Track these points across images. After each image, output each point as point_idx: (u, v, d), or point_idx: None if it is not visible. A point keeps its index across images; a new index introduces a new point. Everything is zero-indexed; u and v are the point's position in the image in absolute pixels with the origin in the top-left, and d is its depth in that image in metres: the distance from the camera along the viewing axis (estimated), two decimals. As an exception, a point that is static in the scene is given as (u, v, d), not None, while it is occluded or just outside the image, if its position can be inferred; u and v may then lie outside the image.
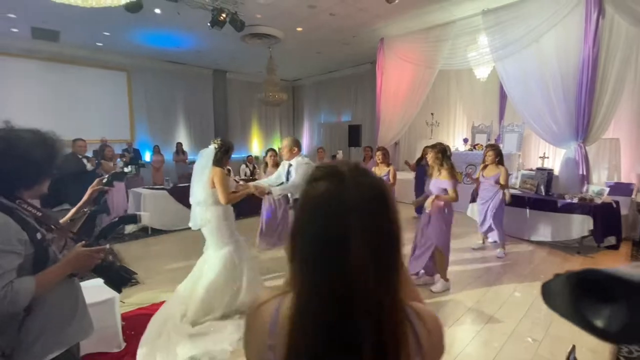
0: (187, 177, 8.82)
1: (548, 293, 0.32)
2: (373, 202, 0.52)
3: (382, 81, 7.99)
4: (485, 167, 4.59)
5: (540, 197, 5.09)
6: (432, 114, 8.86)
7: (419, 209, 6.28)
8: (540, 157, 6.62)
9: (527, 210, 5.09)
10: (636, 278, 0.24)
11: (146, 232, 5.61)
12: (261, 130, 13.43)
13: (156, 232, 5.64)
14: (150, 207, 5.68)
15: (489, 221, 4.51)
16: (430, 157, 3.50)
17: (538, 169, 5.98)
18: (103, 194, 1.63)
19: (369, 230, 0.49)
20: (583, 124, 5.15)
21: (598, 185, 5.05)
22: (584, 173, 5.24)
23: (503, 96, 7.82)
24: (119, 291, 1.31)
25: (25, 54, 8.39)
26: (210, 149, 2.83)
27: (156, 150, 9.09)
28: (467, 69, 7.51)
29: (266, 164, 5.29)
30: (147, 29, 7.63)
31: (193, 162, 10.60)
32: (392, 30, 7.58)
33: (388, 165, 4.78)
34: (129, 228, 5.75)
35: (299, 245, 0.54)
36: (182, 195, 6.03)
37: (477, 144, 7.69)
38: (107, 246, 1.31)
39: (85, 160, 4.80)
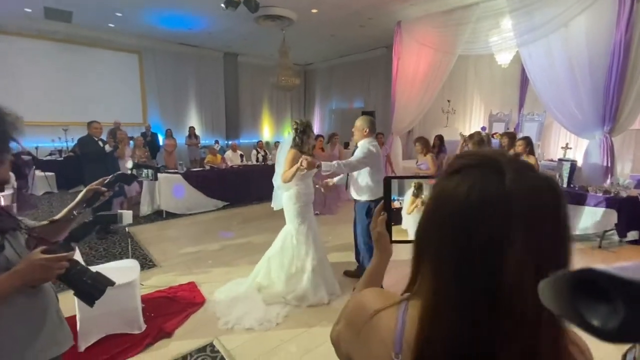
0: (199, 161, 8.86)
1: (546, 291, 0.32)
2: (545, 207, 0.42)
3: (398, 66, 7.75)
4: None
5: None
6: (448, 101, 8.63)
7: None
8: (562, 148, 6.42)
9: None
10: (633, 277, 0.24)
11: (160, 215, 5.65)
12: (272, 115, 13.30)
13: (170, 215, 5.68)
14: (164, 191, 5.71)
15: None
16: (470, 147, 3.55)
17: (560, 159, 5.81)
18: (99, 196, 1.32)
19: (536, 241, 0.40)
20: (610, 113, 4.93)
21: (623, 178, 4.88)
22: (609, 165, 5.06)
23: (524, 84, 7.55)
24: (91, 305, 1.06)
25: (38, 35, 8.36)
26: (288, 136, 3.01)
27: (168, 134, 9.08)
28: (487, 55, 7.24)
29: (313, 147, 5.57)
30: (159, 9, 7.49)
31: (205, 147, 10.53)
32: (411, 13, 7.30)
33: (426, 154, 4.79)
34: (144, 210, 5.81)
35: (432, 248, 0.46)
36: (195, 179, 6.05)
37: (494, 133, 7.48)
38: (74, 251, 1.07)
39: (101, 143, 4.80)
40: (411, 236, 0.68)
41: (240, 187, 6.56)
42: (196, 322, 2.65)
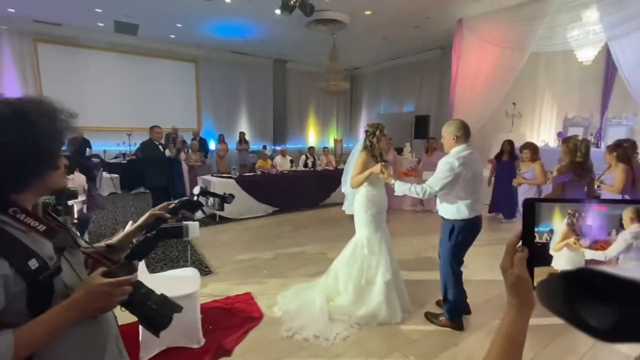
0: (250, 166, 8.98)
1: (543, 292, 0.32)
2: None
3: (458, 66, 7.23)
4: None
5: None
6: (513, 103, 7.87)
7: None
8: None
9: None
10: (630, 278, 0.24)
11: (214, 219, 5.70)
12: (318, 120, 13.26)
13: (223, 219, 5.71)
14: (217, 195, 5.76)
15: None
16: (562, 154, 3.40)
17: None
18: (161, 222, 1.17)
19: None
20: None
21: None
22: None
23: (609, 83, 6.65)
24: (157, 335, 0.91)
25: (107, 47, 9.06)
26: (361, 140, 2.89)
27: (221, 139, 9.33)
28: (561, 52, 6.48)
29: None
30: (216, 18, 7.73)
31: (254, 152, 10.75)
32: (474, 10, 6.77)
33: (534, 161, 4.61)
34: (198, 214, 5.92)
35: None
36: (247, 184, 6.04)
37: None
38: (136, 272, 0.90)
39: (161, 147, 4.95)
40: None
41: (290, 193, 6.47)
42: (256, 340, 2.47)
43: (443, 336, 2.53)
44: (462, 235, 2.46)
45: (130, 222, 1.91)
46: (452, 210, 2.47)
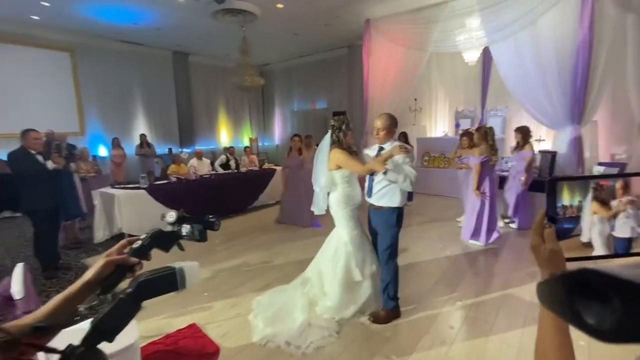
0: (154, 173, 7.84)
1: (544, 292, 0.33)
2: None
3: (369, 64, 7.62)
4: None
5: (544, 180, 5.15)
6: (415, 99, 8.73)
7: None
8: (536, 140, 6.74)
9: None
10: (631, 277, 0.24)
11: (122, 239, 4.77)
12: (229, 119, 12.46)
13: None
14: (125, 209, 4.84)
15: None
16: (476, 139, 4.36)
17: (542, 151, 5.99)
18: (124, 273, 0.82)
19: None
20: (579, 106, 5.26)
21: (598, 167, 5.22)
22: (579, 155, 5.40)
23: (486, 80, 7.89)
24: None
25: None
26: (327, 136, 2.79)
27: (115, 144, 7.92)
28: (448, 53, 7.42)
29: (290, 149, 5.63)
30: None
31: (160, 156, 9.49)
32: (380, 11, 7.20)
33: (471, 147, 4.77)
34: (99, 236, 4.88)
35: None
36: (162, 194, 5.25)
37: (468, 129, 7.70)
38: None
39: (41, 158, 3.84)
40: (600, 249, 0.63)
41: (214, 200, 5.87)
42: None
43: (410, 326, 2.58)
44: (401, 220, 2.61)
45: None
46: (399, 198, 2.53)
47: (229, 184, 6.15)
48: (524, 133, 5.03)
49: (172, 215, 1.00)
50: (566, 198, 0.60)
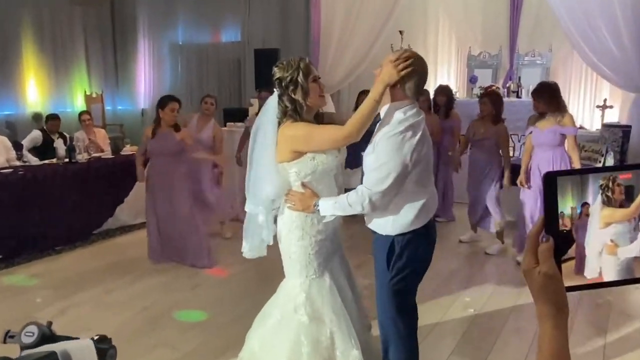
0: None
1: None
2: None
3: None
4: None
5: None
6: (400, 32, 5.47)
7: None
8: (599, 107, 4.54)
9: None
10: None
11: None
12: (45, 59, 7.21)
13: None
14: None
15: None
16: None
17: (606, 125, 4.26)
18: None
19: None
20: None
21: None
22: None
23: (517, 5, 5.16)
24: None
25: None
26: (272, 99, 1.60)
27: None
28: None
29: (158, 119, 3.26)
30: None
31: None
32: None
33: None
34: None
35: None
36: None
37: (491, 86, 4.95)
38: None
39: None
40: (609, 274, 0.44)
41: (24, 221, 3.36)
42: None
43: None
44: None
45: None
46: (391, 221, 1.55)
47: (52, 188, 3.58)
48: (551, 91, 3.01)
49: (31, 332, 0.58)
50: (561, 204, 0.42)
